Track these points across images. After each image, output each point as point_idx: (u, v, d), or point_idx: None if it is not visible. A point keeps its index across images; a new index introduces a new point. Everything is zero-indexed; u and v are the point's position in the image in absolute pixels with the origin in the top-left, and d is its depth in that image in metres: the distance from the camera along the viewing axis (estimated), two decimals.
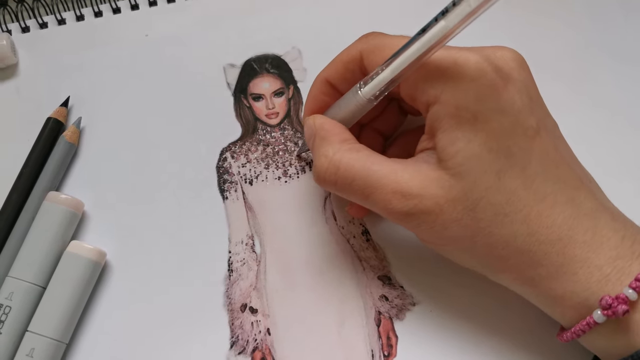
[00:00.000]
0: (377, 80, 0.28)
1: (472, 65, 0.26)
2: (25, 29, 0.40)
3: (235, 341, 0.33)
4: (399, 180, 0.28)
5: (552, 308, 0.28)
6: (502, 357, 0.32)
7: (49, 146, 0.36)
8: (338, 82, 0.32)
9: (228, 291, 0.34)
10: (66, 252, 0.33)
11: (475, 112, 0.26)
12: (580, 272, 0.27)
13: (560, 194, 0.27)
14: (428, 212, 0.27)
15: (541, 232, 0.27)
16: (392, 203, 0.28)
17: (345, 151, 0.29)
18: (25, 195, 0.35)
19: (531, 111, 0.27)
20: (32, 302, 0.33)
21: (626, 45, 0.39)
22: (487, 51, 0.27)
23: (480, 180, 0.27)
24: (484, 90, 0.26)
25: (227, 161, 0.37)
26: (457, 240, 0.28)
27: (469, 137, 0.27)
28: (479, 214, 0.27)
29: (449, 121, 0.27)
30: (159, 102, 0.38)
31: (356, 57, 0.31)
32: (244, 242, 0.35)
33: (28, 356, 0.32)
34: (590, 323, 0.26)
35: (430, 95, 0.28)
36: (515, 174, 0.27)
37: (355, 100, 0.30)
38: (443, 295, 0.33)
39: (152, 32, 0.40)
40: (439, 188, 0.27)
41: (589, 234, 0.27)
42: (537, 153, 0.27)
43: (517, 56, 0.28)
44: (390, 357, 0.33)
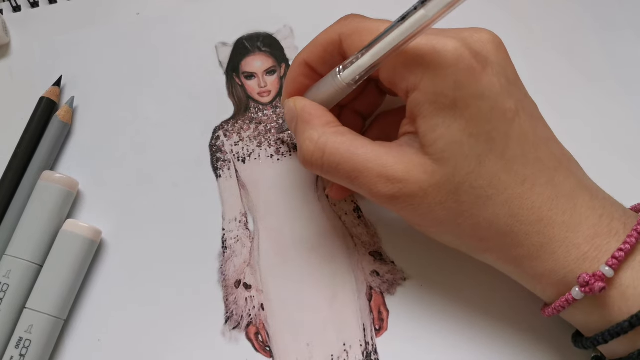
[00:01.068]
0: (356, 66, 0.28)
1: (450, 52, 0.27)
2: (16, 8, 0.40)
3: (230, 316, 0.34)
4: (384, 164, 0.28)
5: (533, 285, 0.29)
6: (491, 330, 0.33)
7: (43, 126, 0.37)
8: (317, 65, 0.32)
9: (222, 268, 0.35)
10: (62, 230, 0.34)
11: (454, 98, 0.27)
12: (559, 252, 0.27)
13: (540, 175, 0.28)
14: (412, 196, 0.28)
15: (522, 213, 0.27)
16: (378, 187, 0.28)
17: (330, 134, 0.29)
18: (20, 175, 0.35)
19: (509, 94, 0.27)
20: (30, 280, 0.33)
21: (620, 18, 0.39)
22: (465, 34, 0.27)
23: (462, 165, 0.27)
24: (462, 76, 0.26)
25: (220, 140, 0.37)
26: (442, 223, 0.29)
27: (449, 123, 0.27)
28: (462, 197, 0.28)
29: (429, 108, 0.27)
30: (152, 80, 0.38)
31: (335, 40, 0.30)
32: (238, 219, 0.36)
33: (27, 332, 0.32)
34: (569, 300, 0.27)
35: (409, 82, 0.28)
36: (495, 158, 0.27)
37: (334, 84, 0.30)
38: (433, 270, 0.34)
39: (143, 11, 0.40)
40: (422, 173, 0.28)
41: (567, 214, 0.27)
42: (516, 136, 0.27)
43: (494, 38, 0.28)
44: (382, 331, 0.33)
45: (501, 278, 0.33)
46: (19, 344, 0.32)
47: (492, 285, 0.34)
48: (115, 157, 0.37)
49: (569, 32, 0.39)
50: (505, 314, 0.33)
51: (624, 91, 0.38)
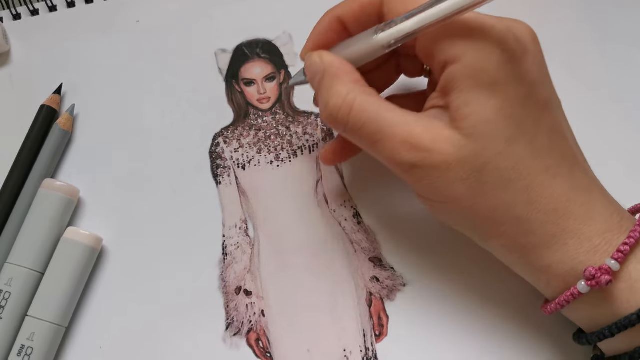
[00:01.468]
0: (397, 29, 0.28)
1: (498, 31, 0.27)
2: (16, 16, 0.40)
3: (231, 323, 0.34)
4: (411, 131, 0.28)
5: (537, 277, 0.29)
6: (491, 336, 0.33)
7: (43, 134, 0.37)
8: (351, 22, 0.31)
9: (223, 274, 0.35)
10: (63, 238, 0.34)
11: (495, 77, 0.26)
12: (570, 243, 0.27)
13: (562, 167, 0.28)
14: (435, 167, 0.27)
15: (540, 201, 0.27)
16: (401, 153, 0.28)
17: (359, 92, 0.29)
18: (21, 183, 0.36)
19: (543, 84, 0.28)
20: (31, 288, 0.33)
21: (618, 27, 0.39)
22: (507, 22, 0.28)
23: (491, 145, 0.27)
24: (506, 57, 0.27)
25: (220, 146, 0.37)
26: (458, 200, 0.28)
27: (485, 100, 0.27)
28: (484, 177, 0.27)
29: (467, 82, 0.27)
30: (151, 88, 0.39)
31: (376, 1, 0.30)
32: (238, 226, 0.36)
33: (29, 340, 0.32)
34: (575, 294, 0.27)
35: (450, 54, 0.27)
36: (524, 143, 0.27)
37: (368, 44, 0.29)
38: (433, 276, 0.34)
39: (143, 18, 0.40)
40: (449, 146, 0.27)
41: (583, 208, 0.28)
42: (546, 126, 0.28)
43: (530, 30, 0.28)
44: (382, 337, 0.34)
45: (501, 283, 0.33)
46: (21, 352, 0.32)
47: (492, 291, 0.34)
48: (115, 165, 0.37)
49: (567, 42, 0.39)
50: (505, 320, 0.33)
51: (622, 100, 0.38)
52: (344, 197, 0.36)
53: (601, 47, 0.39)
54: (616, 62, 0.39)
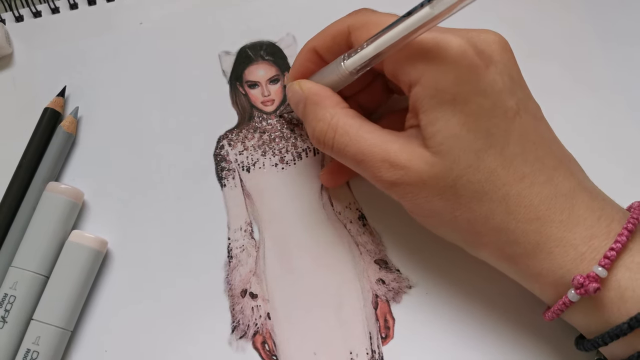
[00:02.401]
0: (360, 55, 0.29)
1: (454, 48, 0.27)
2: (19, 18, 0.40)
3: (237, 326, 0.34)
4: (389, 150, 0.29)
5: (531, 285, 0.29)
6: (497, 337, 0.33)
7: (47, 136, 0.37)
8: (324, 52, 0.33)
9: (228, 277, 0.35)
10: (68, 241, 0.34)
11: (455, 94, 0.27)
12: (555, 251, 0.27)
13: (539, 174, 0.28)
14: (412, 184, 0.29)
15: (519, 211, 0.28)
16: (381, 171, 0.29)
17: (341, 115, 0.30)
18: (25, 186, 0.35)
19: (511, 93, 0.28)
20: (36, 291, 0.33)
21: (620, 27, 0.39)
22: (471, 34, 0.28)
23: (460, 159, 0.28)
24: (464, 72, 0.27)
25: (225, 149, 0.37)
26: (439, 214, 0.29)
27: (448, 117, 0.27)
28: (459, 191, 0.28)
29: (429, 102, 0.28)
30: (155, 90, 0.39)
31: (344, 31, 0.31)
32: (243, 228, 0.36)
33: (34, 344, 0.32)
34: (567, 302, 0.28)
35: (412, 76, 0.28)
36: (494, 154, 0.28)
37: (337, 71, 0.30)
38: (438, 278, 0.34)
39: (146, 20, 0.40)
40: (423, 163, 0.28)
41: (565, 214, 0.28)
42: (517, 134, 0.28)
43: (500, 39, 0.28)
44: (388, 339, 0.34)
45: (506, 285, 0.33)
46: (27, 356, 0.32)
47: (498, 293, 0.34)
48: (120, 167, 0.37)
49: (569, 42, 0.39)
50: (511, 322, 0.33)
51: (624, 100, 0.38)
52: (349, 200, 0.36)
53: (603, 47, 0.39)
54: (618, 62, 0.39)
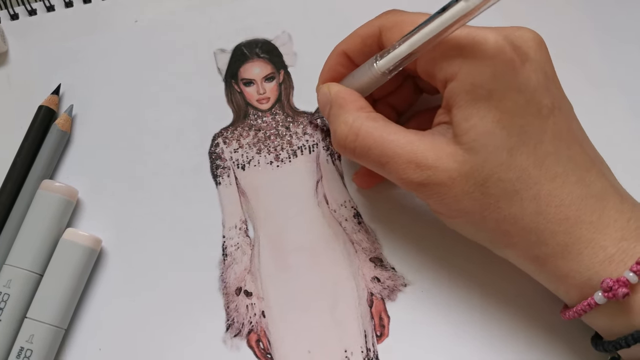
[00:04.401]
0: (393, 55, 0.29)
1: (491, 44, 0.27)
2: (14, 16, 0.40)
3: (231, 324, 0.34)
4: (415, 151, 0.29)
5: (556, 286, 0.29)
6: (492, 336, 0.33)
7: (42, 134, 0.37)
8: (355, 55, 0.33)
9: (223, 275, 0.35)
10: (62, 239, 0.34)
11: (491, 90, 0.27)
12: (585, 252, 0.27)
13: (571, 174, 0.28)
14: (441, 184, 0.28)
15: (549, 211, 0.27)
16: (407, 173, 0.29)
17: (364, 119, 0.30)
18: (20, 184, 0.35)
19: (547, 91, 0.28)
20: (30, 289, 0.33)
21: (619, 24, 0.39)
22: (507, 31, 0.28)
23: (492, 157, 0.27)
24: (501, 68, 0.27)
25: (220, 147, 0.37)
26: (467, 213, 0.29)
27: (483, 113, 0.27)
28: (489, 189, 0.28)
29: (465, 97, 0.28)
30: (150, 88, 0.38)
31: (375, 32, 0.31)
32: (238, 226, 0.36)
33: (28, 342, 0.32)
34: (592, 304, 0.27)
35: (447, 72, 0.28)
36: (527, 152, 0.27)
37: (370, 72, 0.30)
38: (433, 276, 0.34)
39: (141, 18, 0.40)
40: (452, 162, 0.28)
41: (595, 215, 0.27)
42: (550, 133, 0.28)
43: (536, 36, 0.28)
44: (383, 337, 0.33)
45: (502, 283, 0.33)
46: (20, 354, 0.32)
47: (494, 291, 0.34)
48: (114, 165, 0.37)
49: (570, 38, 0.39)
50: (506, 319, 0.33)
51: (625, 96, 0.38)
52: (344, 197, 0.36)
53: (602, 45, 0.39)
54: (620, 60, 0.38)
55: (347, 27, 0.39)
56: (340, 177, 0.37)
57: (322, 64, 0.37)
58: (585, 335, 0.31)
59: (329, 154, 0.37)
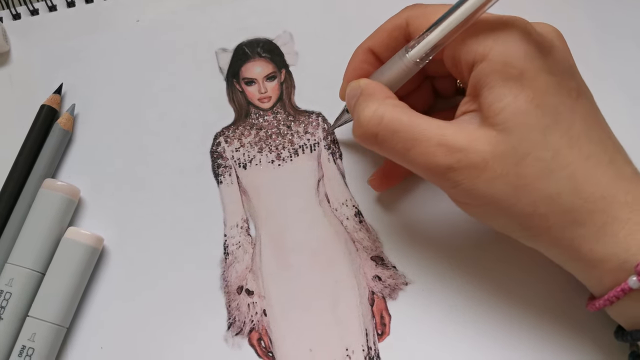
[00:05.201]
0: (425, 42, 0.29)
1: (520, 26, 0.27)
2: (16, 16, 0.40)
3: (233, 322, 0.34)
4: (445, 134, 0.28)
5: (589, 273, 0.28)
6: (493, 334, 0.33)
7: (44, 134, 0.37)
8: (381, 51, 0.32)
9: (224, 274, 0.35)
10: (64, 238, 0.34)
11: (523, 69, 0.27)
12: (621, 234, 0.27)
13: (603, 155, 0.28)
14: (473, 167, 0.27)
15: (586, 189, 0.27)
16: (436, 156, 0.28)
17: (389, 105, 0.29)
18: (22, 183, 0.36)
19: (572, 76, 0.28)
20: (32, 288, 0.33)
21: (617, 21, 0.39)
22: (529, 22, 0.28)
23: (527, 136, 0.27)
24: (532, 49, 0.27)
25: (221, 146, 0.37)
26: (499, 200, 0.28)
27: (516, 92, 0.27)
28: (524, 170, 0.27)
29: (496, 77, 0.27)
30: (152, 87, 0.39)
31: (402, 24, 0.31)
32: (239, 225, 0.36)
33: (30, 340, 0.32)
34: (625, 289, 0.26)
35: (477, 52, 0.28)
36: (561, 132, 0.27)
37: (401, 63, 0.30)
38: (435, 275, 0.34)
39: (143, 18, 0.40)
40: (485, 144, 0.27)
41: (630, 196, 0.27)
42: (580, 114, 0.28)
43: (555, 29, 0.29)
44: (384, 336, 0.33)
45: (502, 281, 0.33)
46: (22, 352, 0.32)
47: (493, 290, 0.34)
48: (116, 164, 0.37)
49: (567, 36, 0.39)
50: (506, 318, 0.33)
51: (622, 92, 0.38)
52: (345, 196, 0.36)
53: (601, 42, 0.39)
54: (616, 56, 0.38)
55: (348, 26, 0.39)
56: (342, 176, 0.37)
57: (323, 63, 0.37)
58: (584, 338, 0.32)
59: (330, 153, 0.37)
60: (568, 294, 0.32)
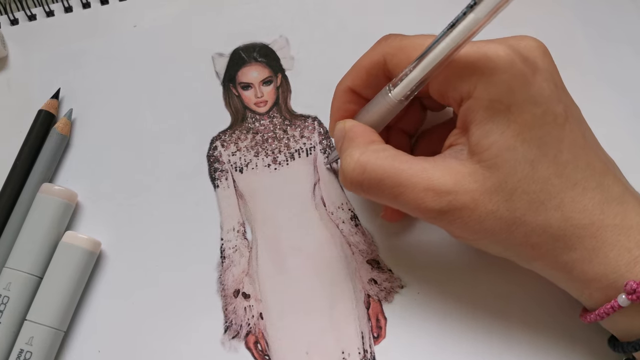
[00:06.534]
0: (407, 81, 0.28)
1: (502, 57, 0.27)
2: (14, 22, 0.41)
3: (229, 326, 0.34)
4: (431, 178, 0.28)
5: (580, 291, 0.29)
6: (489, 337, 0.33)
7: (41, 138, 0.37)
8: (362, 89, 0.32)
9: (221, 277, 0.35)
10: (61, 242, 0.34)
11: (509, 104, 0.27)
12: (611, 255, 0.27)
13: (590, 180, 0.28)
14: (463, 208, 0.28)
15: (574, 216, 0.27)
16: (425, 201, 0.28)
17: (371, 152, 0.29)
18: (19, 188, 0.36)
19: (558, 99, 0.28)
20: (30, 292, 0.34)
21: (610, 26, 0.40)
22: (512, 41, 0.28)
23: (515, 171, 0.27)
24: (516, 81, 0.27)
25: (218, 150, 0.38)
26: (494, 233, 0.28)
27: (502, 129, 0.27)
28: (514, 204, 0.27)
29: (483, 114, 0.27)
30: (149, 92, 0.39)
31: (379, 61, 0.31)
32: (236, 229, 0.36)
33: (27, 344, 0.32)
34: (615, 306, 0.27)
35: (463, 90, 0.28)
36: (548, 163, 0.27)
37: (385, 102, 0.30)
38: (430, 278, 0.34)
39: (140, 23, 0.40)
40: (473, 182, 0.27)
41: (618, 218, 0.28)
42: (567, 141, 0.28)
43: (540, 45, 0.28)
44: (380, 339, 0.34)
45: (496, 285, 0.33)
46: (20, 356, 0.32)
47: (490, 292, 0.34)
48: (113, 169, 0.37)
49: (562, 39, 0.39)
50: (502, 321, 0.33)
51: (617, 96, 0.38)
52: (341, 200, 0.36)
53: (595, 45, 0.39)
54: (610, 60, 0.39)
55: (344, 31, 0.40)
56: (337, 179, 0.37)
57: (318, 68, 0.38)
58: (578, 344, 0.32)
59: (326, 157, 0.37)
60: (563, 302, 0.32)
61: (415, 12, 0.40)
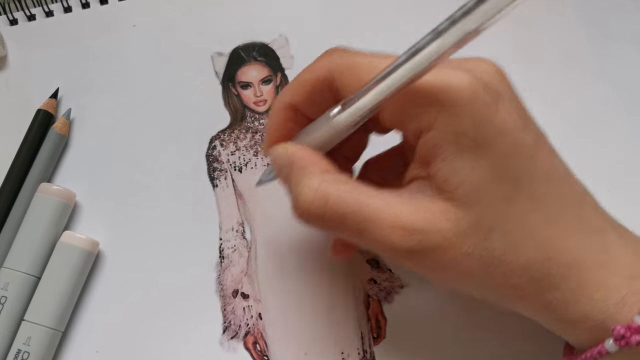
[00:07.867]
0: (357, 107, 0.25)
1: (465, 86, 0.24)
2: (13, 22, 0.40)
3: (228, 326, 0.34)
4: (398, 214, 0.25)
5: (566, 332, 0.27)
6: (488, 337, 0.33)
7: (40, 138, 0.37)
8: (304, 107, 0.29)
9: (220, 277, 0.35)
10: (59, 242, 0.34)
11: (475, 137, 0.24)
12: (596, 295, 0.25)
13: (568, 213, 0.26)
14: (435, 248, 0.25)
15: (556, 257, 0.25)
16: (392, 239, 0.25)
17: (331, 182, 0.26)
18: (17, 188, 0.36)
19: (525, 128, 0.25)
20: (28, 292, 0.33)
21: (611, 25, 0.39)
22: (470, 65, 0.25)
23: (490, 210, 0.25)
24: (480, 113, 0.24)
25: (217, 149, 0.37)
26: (470, 275, 0.26)
27: (473, 164, 0.24)
28: (492, 244, 0.25)
29: (449, 149, 0.25)
30: (148, 92, 0.39)
31: (325, 77, 0.27)
32: (235, 229, 0.36)
33: (25, 344, 0.32)
34: (602, 352, 0.25)
35: (422, 121, 0.25)
36: (523, 198, 0.25)
37: (331, 127, 0.26)
38: None
39: (139, 22, 0.40)
40: (445, 221, 0.25)
41: (601, 254, 0.26)
42: (540, 173, 0.25)
43: (498, 69, 0.26)
44: (379, 339, 0.33)
45: None
46: (17, 356, 0.32)
47: None
48: (112, 169, 0.37)
49: (563, 38, 0.39)
50: (501, 321, 0.33)
51: (618, 96, 0.38)
52: None
53: (596, 44, 0.39)
54: (612, 59, 0.39)
55: (343, 30, 0.40)
56: None
57: None
58: None
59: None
60: None
61: (416, 12, 0.40)
